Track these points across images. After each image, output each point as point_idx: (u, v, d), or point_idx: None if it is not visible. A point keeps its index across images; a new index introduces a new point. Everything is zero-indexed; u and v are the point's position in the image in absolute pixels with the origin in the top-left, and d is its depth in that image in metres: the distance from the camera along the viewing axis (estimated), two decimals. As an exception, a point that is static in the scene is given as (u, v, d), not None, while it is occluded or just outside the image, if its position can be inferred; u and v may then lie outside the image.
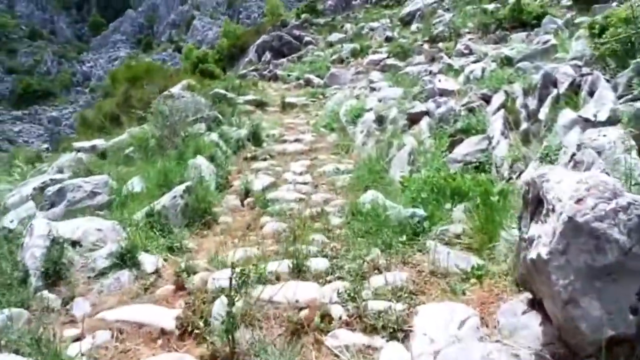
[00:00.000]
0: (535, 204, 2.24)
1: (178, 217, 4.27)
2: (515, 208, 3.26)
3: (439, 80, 7.58)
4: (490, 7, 14.55)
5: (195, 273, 3.27)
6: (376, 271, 3.05)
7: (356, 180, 5.44)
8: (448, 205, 4.16)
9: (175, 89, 11.66)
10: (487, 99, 6.19)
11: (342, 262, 3.23)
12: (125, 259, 3.44)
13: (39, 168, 10.16)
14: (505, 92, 5.99)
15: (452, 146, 5.48)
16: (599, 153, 3.38)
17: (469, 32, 14.72)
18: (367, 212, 4.16)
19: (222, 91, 10.49)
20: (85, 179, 6.10)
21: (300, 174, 5.95)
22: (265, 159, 6.81)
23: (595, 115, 4.01)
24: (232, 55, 27.80)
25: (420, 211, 4.02)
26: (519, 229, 2.43)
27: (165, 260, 3.61)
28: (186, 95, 9.90)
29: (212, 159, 5.87)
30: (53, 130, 72.54)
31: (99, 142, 9.92)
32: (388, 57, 14.88)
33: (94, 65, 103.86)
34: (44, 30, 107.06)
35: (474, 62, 9.12)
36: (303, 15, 26.10)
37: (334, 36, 21.27)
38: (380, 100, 7.91)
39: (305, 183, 5.54)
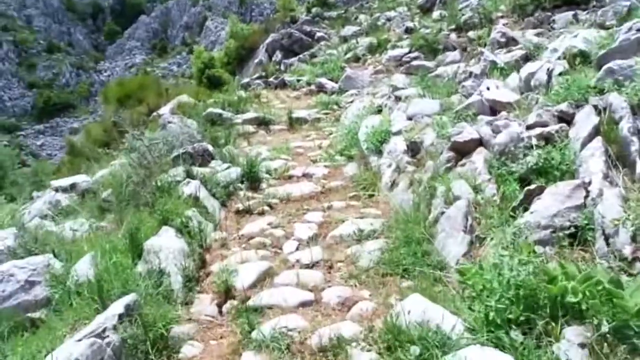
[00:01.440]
0: None
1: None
2: None
3: (488, 88, 5.72)
4: (528, -16, 12.47)
5: None
6: None
7: (388, 258, 3.69)
8: (554, 343, 2.40)
9: (165, 109, 10.07)
10: (567, 119, 4.34)
11: None
12: None
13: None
14: (596, 107, 4.14)
15: (527, 199, 3.67)
16: None
17: (502, 17, 12.72)
18: (413, 342, 2.45)
19: (218, 110, 8.82)
20: (20, 263, 4.54)
21: (308, 243, 4.21)
22: (262, 213, 5.11)
23: None
24: (241, 57, 26.23)
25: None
26: None
27: None
28: (174, 120, 8.27)
29: (185, 228, 4.20)
30: (74, 143, 72.90)
31: (81, 179, 8.40)
32: (410, 52, 13.06)
33: (111, 74, 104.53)
34: (61, 43, 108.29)
35: (525, 58, 7.20)
36: (314, 10, 24.27)
37: (348, 30, 19.48)
38: (410, 119, 6.10)
39: (314, 264, 3.81)
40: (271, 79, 12.50)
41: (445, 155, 4.71)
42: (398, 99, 7.72)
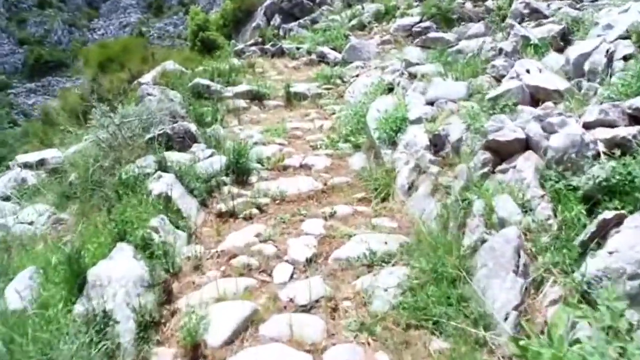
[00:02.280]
0: None
1: None
2: None
3: (527, 71, 4.70)
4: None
5: None
6: None
7: (412, 302, 2.77)
8: None
9: (148, 77, 8.96)
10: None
11: None
12: None
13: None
14: (687, 106, 3.16)
15: (600, 232, 2.74)
16: None
17: (524, -16, 11.53)
18: None
19: (206, 81, 7.74)
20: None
21: (305, 268, 3.28)
22: (249, 217, 4.16)
23: None
24: (238, 19, 24.76)
25: None
26: None
27: None
28: (154, 92, 7.20)
29: (147, 246, 3.24)
30: (65, 103, 71.30)
31: (51, 155, 7.41)
32: (421, 22, 11.90)
33: (105, 32, 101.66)
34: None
35: (562, 34, 6.15)
36: (316, -29, 22.68)
37: (353, -6, 18.14)
38: (431, 103, 5.09)
39: (313, 305, 2.89)
40: (268, 46, 11.31)
41: (480, 157, 3.74)
42: (412, 76, 6.68)
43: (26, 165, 7.24)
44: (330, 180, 4.81)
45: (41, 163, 7.15)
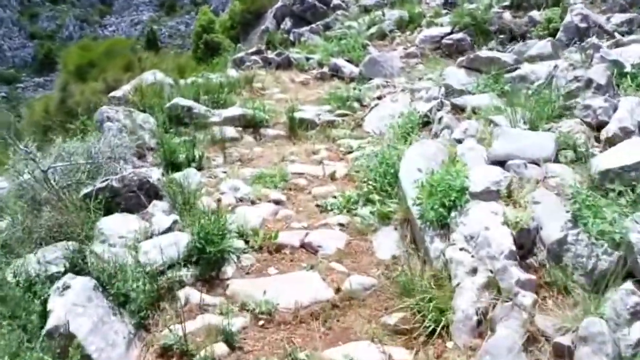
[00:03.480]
0: None
1: None
2: None
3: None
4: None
5: None
6: None
7: None
8: None
9: (125, 89, 7.29)
10: None
11: None
12: None
13: None
14: None
15: None
16: None
17: (573, -7, 9.86)
18: None
19: (187, 102, 6.06)
20: None
21: None
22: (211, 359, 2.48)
23: None
24: (247, 22, 23.25)
25: None
26: None
27: None
28: (117, 117, 5.53)
29: None
30: (72, 100, 70.90)
31: (-5, 184, 5.77)
32: (452, 33, 10.24)
33: (116, 29, 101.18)
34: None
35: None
36: (332, -28, 21.06)
37: (369, -1, 16.56)
38: (499, 163, 3.38)
39: None
40: (272, 55, 9.58)
41: (626, 299, 2.02)
42: (458, 110, 4.97)
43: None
44: (345, 281, 3.10)
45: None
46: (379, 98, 7.08)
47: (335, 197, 4.32)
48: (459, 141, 4.06)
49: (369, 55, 8.93)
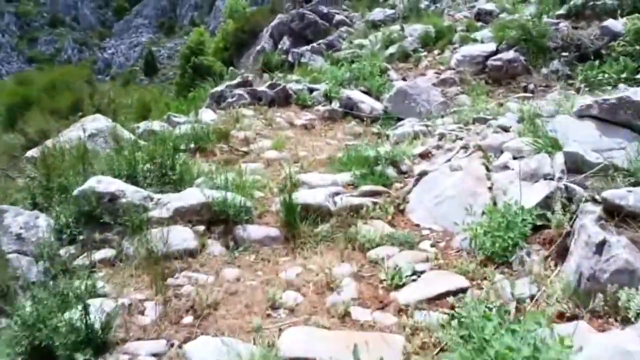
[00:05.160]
0: None
1: None
2: None
3: None
4: None
5: None
6: None
7: None
8: None
9: (48, 143, 4.78)
10: None
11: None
12: None
13: None
14: None
15: None
16: None
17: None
18: None
19: (110, 186, 3.55)
20: None
21: None
22: None
23: None
24: (241, 42, 21.05)
25: None
26: None
27: None
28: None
29: None
30: (70, 124, 70.23)
31: None
32: (499, 51, 7.87)
33: (115, 51, 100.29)
34: (66, 17, 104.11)
35: None
36: (334, -15, 18.93)
37: (377, 13, 14.45)
38: None
39: None
40: (263, 88, 7.08)
41: None
42: (612, 213, 2.47)
43: None
44: None
45: None
46: (423, 157, 4.59)
47: None
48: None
49: (396, 87, 6.49)
